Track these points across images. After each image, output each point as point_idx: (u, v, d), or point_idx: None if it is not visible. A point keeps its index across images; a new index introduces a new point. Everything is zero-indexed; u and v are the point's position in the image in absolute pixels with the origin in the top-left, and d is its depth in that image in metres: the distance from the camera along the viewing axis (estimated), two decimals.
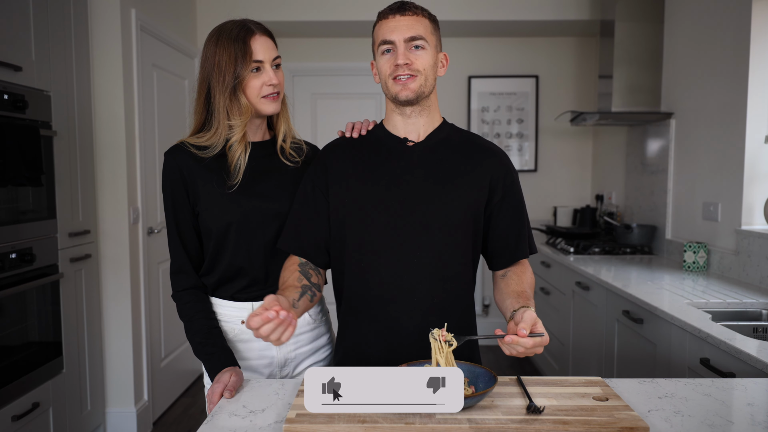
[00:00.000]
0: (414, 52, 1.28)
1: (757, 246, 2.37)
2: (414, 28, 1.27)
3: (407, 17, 1.28)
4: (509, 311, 1.23)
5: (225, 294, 1.42)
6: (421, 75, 1.28)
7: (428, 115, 1.35)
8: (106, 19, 2.76)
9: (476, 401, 1.05)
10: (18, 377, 2.14)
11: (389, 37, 1.28)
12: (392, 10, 1.30)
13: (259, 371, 1.43)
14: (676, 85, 3.06)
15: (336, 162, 1.37)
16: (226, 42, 1.33)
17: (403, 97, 1.29)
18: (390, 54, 1.29)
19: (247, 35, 1.33)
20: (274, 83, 1.35)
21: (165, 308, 3.25)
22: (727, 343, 1.61)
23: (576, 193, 4.33)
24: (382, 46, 1.29)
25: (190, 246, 1.41)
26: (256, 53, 1.33)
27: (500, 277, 1.39)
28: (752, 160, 2.47)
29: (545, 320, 3.48)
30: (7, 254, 2.09)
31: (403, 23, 1.27)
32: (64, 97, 2.47)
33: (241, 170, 1.36)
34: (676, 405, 1.11)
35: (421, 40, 1.27)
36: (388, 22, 1.29)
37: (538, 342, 1.06)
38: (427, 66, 1.29)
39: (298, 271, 1.33)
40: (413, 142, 1.35)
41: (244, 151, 1.37)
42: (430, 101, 1.34)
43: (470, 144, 1.38)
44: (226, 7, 3.74)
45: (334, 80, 4.28)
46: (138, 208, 2.96)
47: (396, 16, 1.28)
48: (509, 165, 1.39)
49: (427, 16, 1.31)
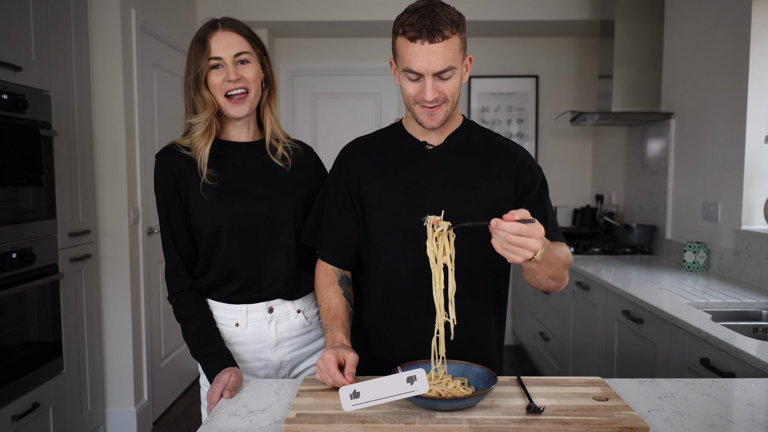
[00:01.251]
0: (442, 82, 1.19)
1: (757, 246, 2.37)
2: (445, 58, 1.16)
3: (437, 45, 1.15)
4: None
5: (219, 296, 1.41)
6: (449, 102, 1.22)
7: (452, 121, 1.32)
8: (106, 19, 2.76)
9: (476, 401, 1.06)
10: (18, 377, 2.14)
11: (416, 69, 1.17)
12: (420, 32, 1.14)
13: (254, 374, 1.43)
14: (676, 85, 3.06)
15: (356, 164, 1.36)
16: (194, 42, 1.36)
17: (429, 126, 1.25)
18: (417, 82, 1.20)
19: (207, 32, 1.34)
20: (231, 78, 1.34)
21: (165, 308, 3.25)
22: (727, 343, 1.61)
23: (576, 193, 4.33)
24: (407, 72, 1.19)
25: (183, 248, 1.40)
26: (213, 50, 1.33)
27: None
28: (752, 160, 2.47)
29: (545, 320, 3.48)
30: (7, 254, 2.09)
31: (433, 55, 1.15)
32: (64, 97, 2.47)
33: (205, 164, 1.36)
34: (676, 405, 1.11)
35: (450, 70, 1.18)
36: (414, 49, 1.16)
37: (525, 230, 1.00)
38: (455, 90, 1.22)
39: (342, 294, 1.34)
40: (432, 145, 1.33)
41: (204, 145, 1.36)
42: (454, 111, 1.30)
43: (491, 145, 1.35)
44: (226, 7, 3.74)
45: (334, 80, 4.28)
46: (138, 208, 2.96)
47: (425, 44, 1.15)
48: (531, 163, 1.35)
49: (457, 32, 1.17)
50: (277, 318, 1.42)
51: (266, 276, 1.40)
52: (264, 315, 1.41)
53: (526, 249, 1.02)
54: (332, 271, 1.37)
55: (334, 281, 1.35)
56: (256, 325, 1.41)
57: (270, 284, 1.40)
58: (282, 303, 1.42)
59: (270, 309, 1.41)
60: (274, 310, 1.42)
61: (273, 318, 1.41)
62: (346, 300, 1.34)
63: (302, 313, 1.45)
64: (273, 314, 1.41)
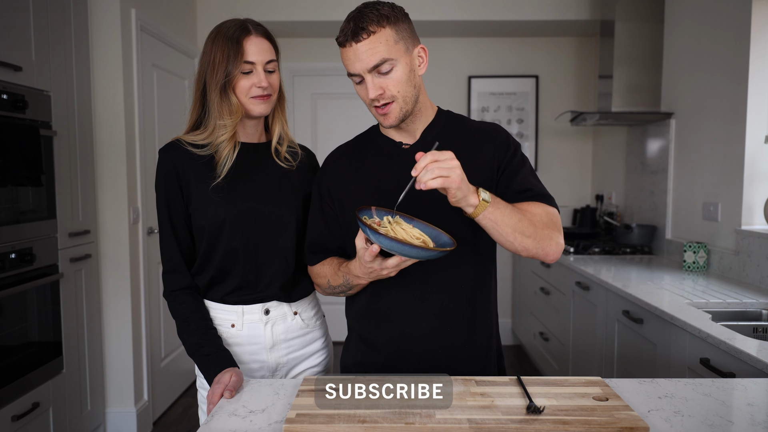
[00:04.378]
0: (383, 77, 1.19)
1: (757, 246, 2.37)
2: (374, 53, 1.16)
3: (363, 42, 1.16)
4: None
5: (215, 296, 1.41)
6: (398, 98, 1.21)
7: (420, 117, 1.30)
8: (106, 19, 2.76)
9: (435, 255, 1.10)
10: (18, 377, 2.14)
11: (352, 70, 1.20)
12: (346, 36, 1.18)
13: (250, 376, 1.43)
14: (676, 85, 3.06)
15: (337, 172, 1.36)
16: (222, 40, 1.33)
17: (387, 125, 1.25)
18: (361, 85, 1.22)
19: (242, 35, 1.33)
20: (263, 86, 1.34)
21: (165, 308, 3.25)
22: (727, 343, 1.61)
23: (576, 193, 4.33)
24: (351, 77, 1.23)
25: (184, 245, 1.40)
26: (248, 54, 1.32)
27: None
28: (752, 160, 2.47)
29: (545, 320, 3.48)
30: (7, 254, 2.09)
31: (361, 52, 1.17)
32: (64, 97, 2.47)
33: (226, 168, 1.36)
34: (676, 405, 1.11)
35: (385, 63, 1.17)
36: (346, 52, 1.19)
37: (437, 154, 1.05)
38: (401, 84, 1.20)
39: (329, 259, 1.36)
40: (408, 144, 1.32)
41: (231, 151, 1.36)
42: (419, 105, 1.28)
43: (465, 130, 1.33)
44: (226, 7, 3.74)
45: (334, 80, 4.27)
46: (138, 208, 2.96)
47: (352, 44, 1.17)
48: (508, 139, 1.32)
49: (386, 25, 1.17)
50: (273, 320, 1.42)
51: (263, 277, 1.40)
52: (260, 317, 1.41)
53: (449, 168, 1.06)
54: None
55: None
56: (252, 327, 1.41)
57: (266, 286, 1.40)
58: (278, 305, 1.42)
59: (266, 311, 1.41)
60: (271, 311, 1.42)
61: (269, 320, 1.41)
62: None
63: (299, 315, 1.45)
64: (269, 316, 1.41)
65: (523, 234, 1.18)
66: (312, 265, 1.40)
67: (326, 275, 1.34)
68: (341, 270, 1.28)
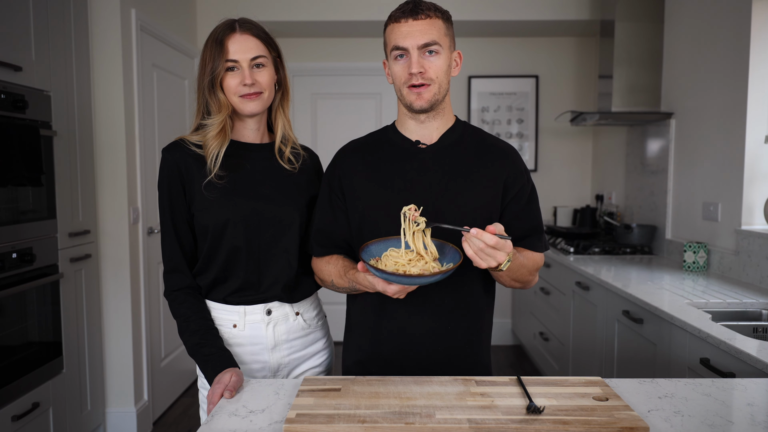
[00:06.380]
0: (428, 58, 1.25)
1: (757, 246, 2.37)
2: (428, 33, 1.24)
3: (420, 21, 1.24)
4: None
5: (217, 297, 1.41)
6: (435, 83, 1.26)
7: (442, 118, 1.34)
8: (106, 19, 2.76)
9: (440, 278, 1.12)
10: (18, 377, 2.14)
11: (402, 44, 1.24)
12: (404, 13, 1.25)
13: (251, 376, 1.43)
14: (676, 85, 3.06)
15: (349, 166, 1.37)
16: (210, 41, 1.36)
17: (417, 107, 1.28)
18: (403, 60, 1.26)
19: (225, 34, 1.35)
20: (247, 83, 1.34)
21: (165, 308, 3.25)
22: (727, 343, 1.61)
23: (576, 193, 4.33)
24: (394, 52, 1.26)
25: (186, 244, 1.40)
26: (230, 52, 1.34)
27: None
28: (752, 160, 2.47)
29: (545, 320, 3.48)
30: (7, 254, 2.09)
31: (416, 28, 1.23)
32: (64, 97, 2.47)
33: (215, 165, 1.36)
34: (676, 405, 1.11)
35: (435, 46, 1.24)
36: (400, 27, 1.25)
37: (501, 243, 1.09)
38: (441, 72, 1.26)
39: (336, 258, 1.36)
40: (425, 144, 1.34)
41: (218, 146, 1.36)
42: (444, 104, 1.32)
43: (483, 145, 1.36)
44: (226, 7, 3.74)
45: (334, 80, 4.28)
46: (138, 208, 2.96)
47: (409, 20, 1.24)
48: (521, 165, 1.37)
49: (440, 17, 1.27)
50: (275, 320, 1.42)
51: (266, 278, 1.40)
52: (262, 317, 1.41)
53: (493, 259, 1.11)
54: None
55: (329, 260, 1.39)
56: (254, 327, 1.41)
57: (269, 287, 1.40)
58: (280, 305, 1.42)
59: (268, 311, 1.41)
60: (273, 312, 1.42)
61: (271, 320, 1.41)
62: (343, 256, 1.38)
63: (301, 315, 1.45)
64: (271, 316, 1.41)
65: (516, 281, 1.31)
66: (317, 257, 1.40)
67: (331, 275, 1.35)
68: (348, 275, 1.29)
